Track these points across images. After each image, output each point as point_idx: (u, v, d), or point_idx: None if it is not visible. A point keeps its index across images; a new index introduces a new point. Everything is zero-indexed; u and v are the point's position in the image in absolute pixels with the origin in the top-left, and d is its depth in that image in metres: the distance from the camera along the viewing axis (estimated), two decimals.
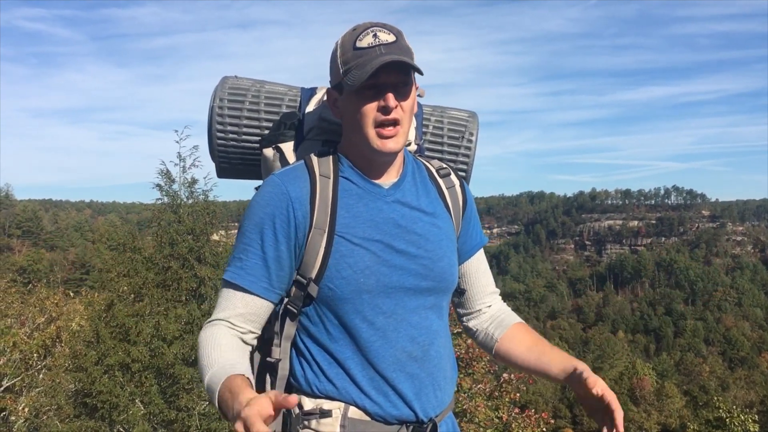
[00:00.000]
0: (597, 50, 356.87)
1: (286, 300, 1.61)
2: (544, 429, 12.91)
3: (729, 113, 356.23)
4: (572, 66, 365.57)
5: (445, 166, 1.81)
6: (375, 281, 1.56)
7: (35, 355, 14.39)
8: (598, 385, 1.53)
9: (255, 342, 1.63)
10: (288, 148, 1.81)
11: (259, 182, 1.92)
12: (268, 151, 1.83)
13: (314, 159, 1.65)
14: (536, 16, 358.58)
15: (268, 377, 1.65)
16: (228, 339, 1.54)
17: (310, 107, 1.84)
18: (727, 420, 23.76)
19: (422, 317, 1.63)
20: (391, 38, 1.54)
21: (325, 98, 1.80)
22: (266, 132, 1.89)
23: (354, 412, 1.56)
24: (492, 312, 1.88)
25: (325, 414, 1.56)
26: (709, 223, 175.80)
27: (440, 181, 1.76)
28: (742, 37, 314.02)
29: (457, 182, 1.79)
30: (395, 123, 1.55)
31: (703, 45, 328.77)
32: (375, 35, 1.54)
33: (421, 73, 1.55)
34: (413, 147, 1.87)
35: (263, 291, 1.57)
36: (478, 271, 1.85)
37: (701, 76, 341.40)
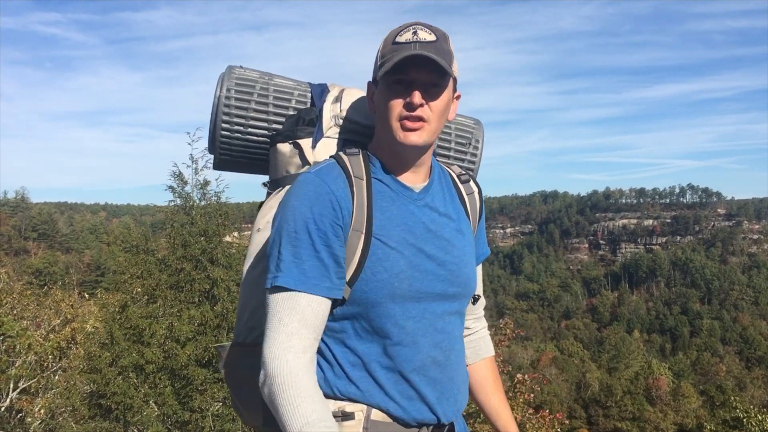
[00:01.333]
0: (611, 48, 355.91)
1: None
2: (559, 429, 12.84)
3: (745, 110, 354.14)
4: (586, 64, 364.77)
5: (464, 172, 1.80)
6: (408, 286, 1.54)
7: (50, 356, 14.52)
8: None
9: None
10: (306, 144, 1.76)
11: (265, 177, 1.87)
12: (284, 147, 1.78)
13: (346, 159, 1.60)
14: (550, 14, 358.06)
15: None
16: (311, 384, 1.43)
17: (327, 104, 1.80)
18: (744, 420, 23.47)
19: (446, 322, 1.62)
20: (430, 38, 1.52)
21: (341, 95, 1.80)
22: (274, 126, 1.85)
23: (377, 415, 1.54)
24: (474, 334, 1.90)
25: (348, 416, 1.53)
26: (724, 221, 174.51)
27: (461, 187, 1.76)
28: (759, 34, 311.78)
29: (476, 189, 1.79)
30: (420, 119, 1.53)
31: (719, 42, 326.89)
32: (415, 32, 1.52)
33: (450, 73, 1.52)
34: None
35: (327, 291, 1.49)
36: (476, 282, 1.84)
37: (717, 73, 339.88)
